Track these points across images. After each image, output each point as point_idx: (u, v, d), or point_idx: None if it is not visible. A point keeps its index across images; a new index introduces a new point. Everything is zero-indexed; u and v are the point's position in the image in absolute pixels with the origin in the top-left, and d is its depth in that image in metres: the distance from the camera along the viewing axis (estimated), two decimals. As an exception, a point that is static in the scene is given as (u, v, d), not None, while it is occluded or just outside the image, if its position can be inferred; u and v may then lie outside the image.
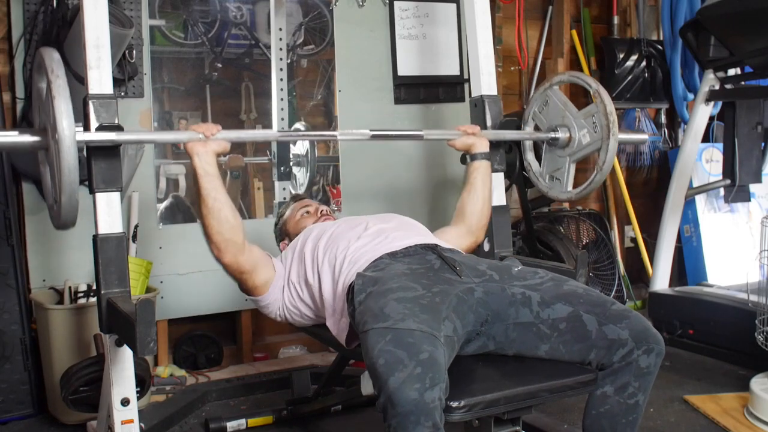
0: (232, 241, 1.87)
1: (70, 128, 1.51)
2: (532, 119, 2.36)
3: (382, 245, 1.89)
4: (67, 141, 1.51)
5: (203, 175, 1.83)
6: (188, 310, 2.93)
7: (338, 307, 1.86)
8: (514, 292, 1.74)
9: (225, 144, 1.87)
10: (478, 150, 2.25)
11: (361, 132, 2.12)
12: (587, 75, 2.28)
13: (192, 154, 1.83)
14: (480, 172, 2.25)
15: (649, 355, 1.63)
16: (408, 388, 1.34)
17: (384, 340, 1.44)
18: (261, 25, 3.08)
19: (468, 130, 2.25)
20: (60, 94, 1.52)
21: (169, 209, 2.91)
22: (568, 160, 2.26)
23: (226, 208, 1.85)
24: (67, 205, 1.56)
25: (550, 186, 2.33)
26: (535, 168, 2.39)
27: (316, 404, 2.47)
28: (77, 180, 1.54)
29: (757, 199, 3.77)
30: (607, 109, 2.11)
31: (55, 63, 1.56)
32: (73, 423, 2.43)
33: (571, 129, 2.24)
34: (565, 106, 2.26)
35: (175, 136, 1.90)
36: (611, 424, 1.67)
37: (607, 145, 2.11)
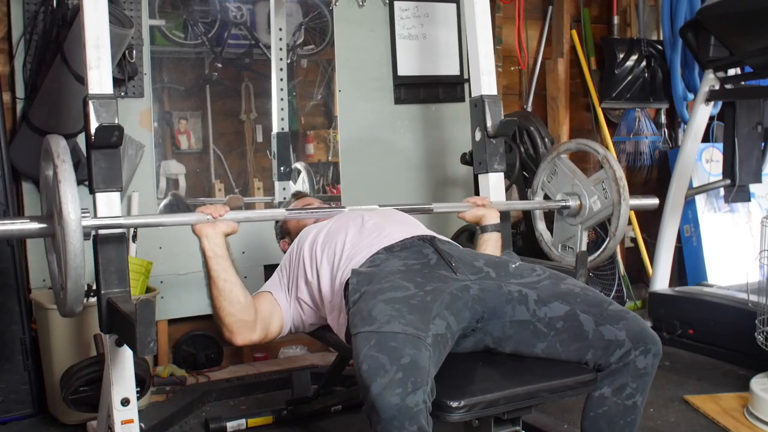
0: (244, 321, 1.86)
1: (76, 213, 1.50)
2: (542, 188, 2.37)
3: (379, 239, 1.89)
4: (72, 225, 1.50)
5: (213, 258, 1.82)
6: (188, 310, 2.94)
7: (336, 303, 1.86)
8: (510, 290, 1.73)
9: (233, 225, 1.87)
10: (489, 222, 2.24)
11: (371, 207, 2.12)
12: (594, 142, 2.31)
13: (201, 236, 1.83)
14: (490, 244, 2.23)
15: (647, 356, 1.62)
16: (389, 394, 1.34)
17: (368, 345, 1.44)
18: (261, 25, 3.08)
19: (478, 202, 2.25)
20: (66, 179, 1.51)
21: (168, 207, 2.91)
22: (579, 228, 2.27)
23: (237, 288, 1.83)
24: (73, 291, 1.54)
25: (563, 256, 2.34)
26: (547, 238, 2.40)
27: (316, 404, 2.47)
28: (83, 266, 1.52)
29: (757, 199, 3.77)
30: (616, 175, 2.13)
31: (62, 149, 1.55)
32: (73, 423, 2.43)
33: (581, 197, 2.25)
34: (574, 174, 2.28)
35: (184, 218, 1.88)
36: (609, 426, 1.66)
37: (618, 211, 2.13)
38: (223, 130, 3.03)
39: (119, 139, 1.71)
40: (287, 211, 2.10)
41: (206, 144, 3.02)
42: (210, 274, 1.83)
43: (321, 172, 3.22)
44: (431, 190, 3.39)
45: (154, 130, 2.87)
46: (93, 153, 1.71)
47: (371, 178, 3.24)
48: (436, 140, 3.36)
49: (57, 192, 1.51)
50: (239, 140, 3.08)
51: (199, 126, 3.00)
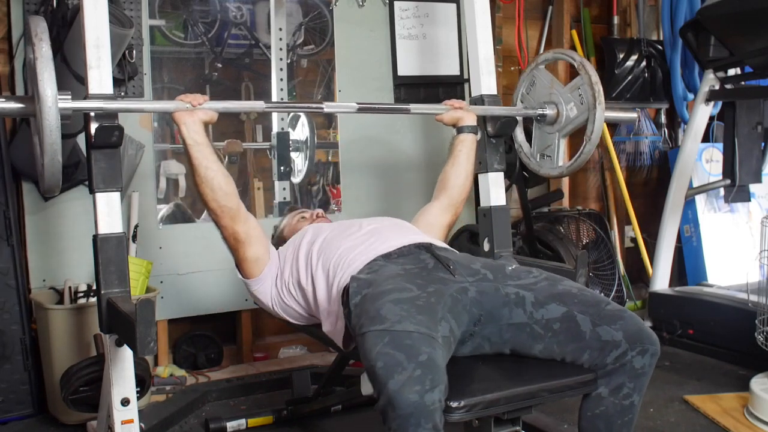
0: (227, 206, 1.90)
1: (53, 93, 1.53)
2: (521, 101, 2.37)
3: (376, 246, 1.89)
4: (48, 101, 1.52)
5: (192, 145, 1.84)
6: (188, 310, 2.94)
7: (333, 310, 1.85)
8: (507, 292, 1.73)
9: (212, 113, 1.88)
10: (466, 123, 2.26)
11: (348, 105, 2.13)
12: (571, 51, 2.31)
13: (179, 123, 1.84)
14: (465, 144, 2.26)
15: (644, 356, 1.61)
16: (408, 391, 1.34)
17: (382, 343, 1.44)
18: (261, 25, 3.08)
19: (455, 104, 2.26)
20: (43, 57, 1.53)
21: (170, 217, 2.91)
22: (557, 136, 2.27)
23: (219, 175, 1.87)
24: (50, 166, 1.57)
25: (541, 164, 2.34)
26: (526, 148, 2.40)
27: (316, 404, 2.47)
28: (59, 142, 1.55)
29: (757, 199, 3.77)
30: (591, 80, 2.13)
31: (40, 29, 1.57)
32: (73, 423, 2.43)
33: (559, 105, 2.26)
34: (552, 84, 2.28)
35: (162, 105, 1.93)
36: (607, 425, 1.66)
37: (593, 116, 2.13)
38: (223, 130, 3.03)
39: (119, 139, 1.71)
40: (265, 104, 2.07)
41: (206, 144, 3.01)
42: (191, 161, 1.86)
43: (321, 172, 3.22)
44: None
45: (154, 130, 2.87)
46: (93, 153, 1.71)
47: (371, 178, 3.24)
48: (436, 140, 3.36)
49: (35, 71, 1.53)
50: (239, 140, 3.08)
51: (199, 126, 2.99)
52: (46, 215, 2.67)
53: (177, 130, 1.88)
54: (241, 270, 2.04)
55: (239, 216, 1.93)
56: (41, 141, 1.56)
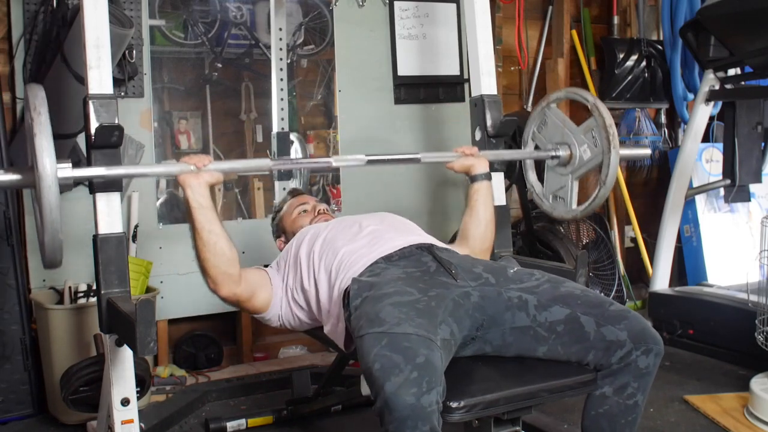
0: (228, 273, 1.83)
1: (52, 167, 1.47)
2: (532, 139, 2.34)
3: (377, 247, 1.88)
4: (48, 179, 1.47)
5: (197, 208, 1.78)
6: (188, 310, 2.94)
7: (334, 311, 1.85)
8: (510, 296, 1.72)
9: (218, 175, 1.83)
10: (478, 171, 2.17)
11: (357, 158, 2.05)
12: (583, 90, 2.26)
13: (185, 186, 1.79)
14: (481, 194, 2.17)
15: (648, 356, 1.62)
16: (404, 393, 1.33)
17: (380, 345, 1.43)
18: (261, 25, 3.08)
19: (466, 151, 2.18)
20: (42, 132, 1.48)
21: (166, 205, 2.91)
22: (570, 178, 2.22)
23: (222, 240, 1.80)
24: (50, 244, 1.52)
25: (554, 206, 2.30)
26: (538, 189, 2.36)
27: (316, 404, 2.47)
28: (59, 219, 1.49)
29: (757, 199, 3.76)
30: (606, 123, 2.07)
31: (39, 100, 1.51)
32: (73, 423, 2.43)
33: (572, 146, 2.20)
34: (564, 124, 2.23)
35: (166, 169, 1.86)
36: (610, 425, 1.66)
37: (608, 159, 2.07)
38: (223, 130, 3.03)
39: (119, 139, 1.71)
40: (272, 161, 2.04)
41: (206, 144, 3.02)
42: (194, 225, 1.80)
43: (321, 172, 3.22)
44: (431, 190, 3.39)
45: (154, 130, 2.87)
46: (93, 153, 1.70)
47: (371, 178, 3.23)
48: (436, 140, 3.36)
49: (33, 144, 1.48)
50: (239, 140, 3.08)
51: (199, 126, 3.00)
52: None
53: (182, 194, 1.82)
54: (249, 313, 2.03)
55: (239, 281, 1.87)
56: (41, 216, 1.50)
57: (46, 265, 1.59)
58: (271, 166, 2.04)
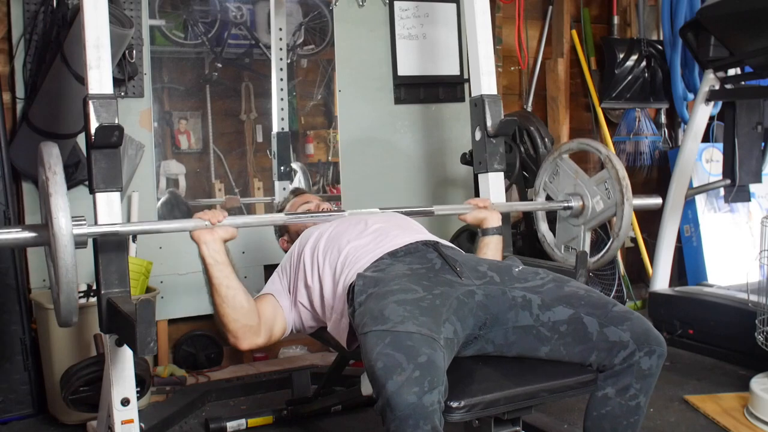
0: (248, 326, 1.84)
1: (68, 226, 1.47)
2: (544, 189, 2.34)
3: (383, 244, 1.88)
4: (64, 239, 1.46)
5: (213, 265, 1.80)
6: (188, 310, 2.94)
7: (338, 307, 1.85)
8: (514, 296, 1.73)
9: (232, 230, 1.84)
10: (490, 225, 2.19)
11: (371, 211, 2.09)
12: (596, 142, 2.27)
13: (199, 243, 1.80)
14: (491, 248, 2.18)
15: (651, 357, 1.62)
16: (406, 392, 1.33)
17: (383, 343, 1.44)
18: (261, 25, 3.08)
19: (479, 204, 2.20)
20: (57, 192, 1.48)
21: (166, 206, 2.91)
22: (582, 229, 2.23)
23: (240, 294, 1.81)
24: (66, 305, 1.51)
25: (566, 257, 2.31)
26: (550, 239, 2.37)
27: (316, 404, 2.47)
28: (75, 279, 1.49)
29: (757, 199, 3.76)
30: (619, 175, 2.09)
31: (54, 159, 1.51)
32: (73, 423, 2.43)
33: (584, 197, 2.21)
34: (576, 174, 2.24)
35: (181, 225, 1.85)
36: (612, 426, 1.66)
37: (622, 212, 2.08)
38: (223, 130, 3.03)
39: (119, 139, 1.71)
40: (286, 215, 2.10)
41: (206, 144, 3.02)
42: (211, 281, 1.81)
43: (321, 172, 3.22)
44: (431, 190, 3.39)
45: (154, 130, 2.87)
46: (93, 153, 1.71)
47: (371, 179, 3.24)
48: (436, 140, 3.36)
49: (48, 204, 1.48)
50: (239, 140, 3.08)
51: (199, 126, 3.00)
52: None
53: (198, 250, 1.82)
54: None
55: (259, 330, 1.87)
56: (56, 276, 1.49)
57: (61, 325, 1.59)
58: (285, 221, 2.08)
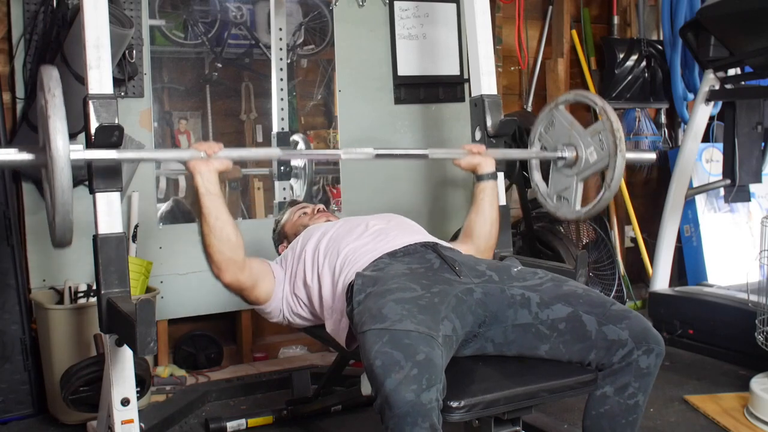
0: (233, 260, 1.85)
1: (65, 148, 1.48)
2: (539, 140, 2.34)
3: (382, 244, 1.89)
4: (61, 161, 1.48)
5: (205, 194, 1.81)
6: (188, 310, 2.93)
7: (337, 307, 1.85)
8: (513, 294, 1.73)
9: (227, 162, 1.85)
10: (485, 170, 2.20)
11: (365, 151, 2.07)
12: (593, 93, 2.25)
13: (194, 172, 1.81)
14: (487, 193, 2.20)
15: (649, 356, 1.62)
16: (405, 390, 1.34)
17: (381, 341, 1.44)
18: (261, 25, 3.08)
19: (473, 149, 2.20)
20: (56, 114, 1.49)
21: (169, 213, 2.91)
22: (575, 179, 2.23)
23: (228, 227, 1.83)
24: (61, 225, 1.53)
25: (558, 206, 2.31)
26: (543, 189, 2.37)
27: (316, 404, 2.47)
28: (71, 200, 1.51)
29: (757, 199, 3.76)
30: (613, 126, 2.08)
31: (53, 81, 1.52)
32: (73, 423, 2.43)
33: (578, 148, 2.21)
34: (572, 126, 2.24)
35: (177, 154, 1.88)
36: (611, 425, 1.66)
37: (614, 163, 2.08)
38: (223, 130, 3.03)
39: (119, 139, 1.71)
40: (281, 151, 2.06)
41: (206, 144, 3.01)
42: (202, 211, 1.82)
43: (321, 173, 3.22)
44: (431, 190, 3.39)
45: (154, 130, 2.86)
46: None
47: (371, 179, 3.23)
48: (436, 140, 3.35)
49: (46, 126, 1.50)
50: (239, 140, 3.08)
51: (199, 126, 3.00)
52: (46, 215, 2.66)
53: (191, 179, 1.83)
54: (250, 304, 2.03)
55: (243, 267, 1.89)
56: (52, 197, 1.51)
57: (56, 245, 1.60)
58: (280, 155, 2.06)
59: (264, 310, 2.04)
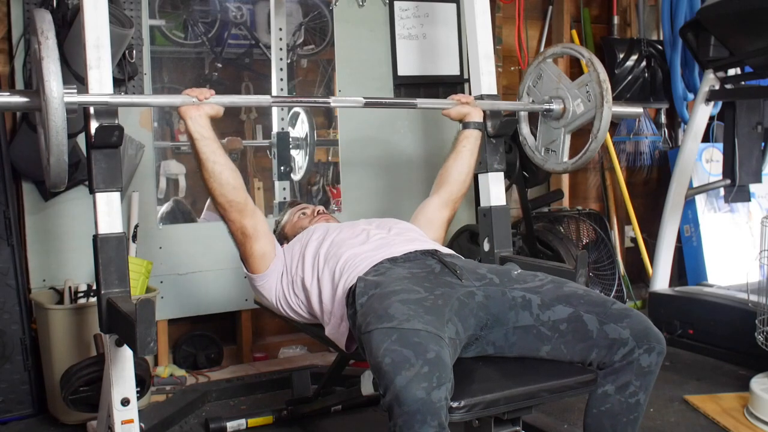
0: (235, 201, 1.90)
1: (59, 89, 1.52)
2: (527, 93, 2.37)
3: (383, 251, 1.89)
4: (55, 102, 1.51)
5: (199, 139, 1.83)
6: (188, 310, 2.94)
7: (337, 311, 1.85)
8: (514, 296, 1.73)
9: (218, 108, 1.88)
10: (473, 119, 2.27)
11: (355, 99, 2.12)
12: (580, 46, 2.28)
13: (186, 117, 1.83)
14: (470, 141, 2.27)
15: (651, 354, 1.62)
16: (415, 387, 1.34)
17: (390, 340, 1.44)
18: (261, 25, 3.08)
19: (462, 99, 2.26)
20: (49, 56, 1.51)
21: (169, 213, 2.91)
22: (563, 131, 2.26)
23: (227, 170, 1.87)
24: (56, 165, 1.57)
25: (546, 158, 2.33)
26: (531, 142, 2.39)
27: (316, 404, 2.47)
28: (65, 141, 1.54)
29: (757, 199, 3.77)
30: (600, 78, 2.11)
31: (46, 24, 1.54)
32: (73, 423, 2.43)
33: (565, 100, 2.24)
34: (559, 78, 2.26)
35: (168, 99, 1.93)
36: (612, 423, 1.67)
37: (601, 114, 2.10)
38: (223, 130, 3.03)
39: (119, 139, 1.71)
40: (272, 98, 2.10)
41: (206, 144, 3.01)
42: (199, 156, 1.85)
43: (321, 172, 3.22)
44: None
45: (154, 130, 2.87)
46: (93, 153, 1.71)
47: (371, 179, 3.24)
48: (436, 140, 3.36)
49: (40, 68, 1.51)
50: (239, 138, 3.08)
51: (199, 126, 2.99)
52: (46, 215, 2.67)
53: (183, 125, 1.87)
54: (247, 265, 2.04)
55: (247, 210, 1.93)
56: (47, 139, 1.55)
57: (51, 187, 1.64)
58: (271, 102, 2.10)
59: (257, 281, 2.04)
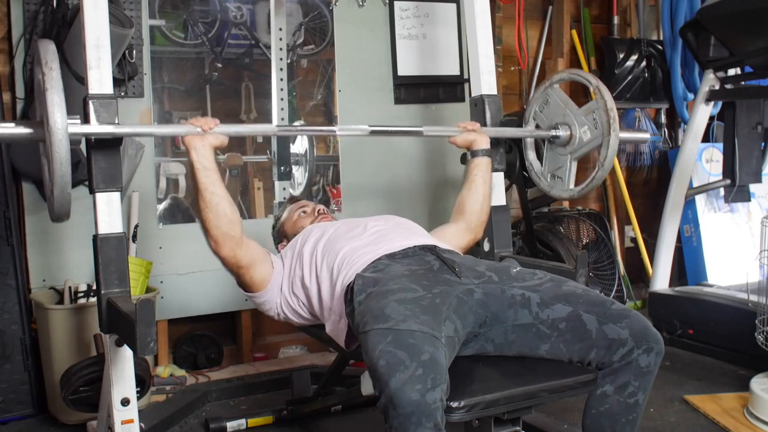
0: (230, 235, 1.86)
1: (63, 121, 1.51)
2: (533, 118, 2.36)
3: (381, 246, 1.89)
4: (59, 134, 1.50)
5: (200, 170, 1.82)
6: (188, 310, 2.93)
7: (336, 308, 1.85)
8: (513, 294, 1.73)
9: (223, 138, 1.87)
10: (479, 147, 2.25)
11: (360, 128, 2.11)
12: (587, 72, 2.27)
13: (189, 148, 1.82)
14: (481, 169, 2.25)
15: (649, 355, 1.63)
16: (409, 389, 1.34)
17: (385, 341, 1.44)
18: (261, 25, 3.08)
19: (468, 127, 2.25)
20: (53, 87, 1.50)
21: (168, 211, 2.91)
22: (569, 158, 2.25)
23: (224, 202, 1.84)
24: (59, 198, 1.56)
25: (552, 185, 2.33)
26: (537, 167, 2.39)
27: (316, 404, 2.47)
28: (69, 173, 1.53)
29: (757, 199, 3.77)
30: (607, 106, 2.10)
31: (50, 55, 1.54)
32: (73, 423, 2.43)
33: (572, 126, 2.23)
34: (566, 104, 2.26)
35: (173, 129, 1.91)
36: (611, 423, 1.67)
37: (608, 142, 2.10)
38: (223, 130, 3.03)
39: (119, 139, 1.71)
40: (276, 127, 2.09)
41: (206, 144, 3.01)
42: (197, 186, 1.83)
43: (321, 172, 3.22)
44: (431, 190, 3.39)
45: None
46: (93, 153, 1.71)
47: (371, 178, 3.23)
48: (436, 140, 3.36)
49: (44, 100, 1.51)
50: (239, 140, 3.08)
51: (199, 126, 2.99)
52: (46, 215, 2.63)
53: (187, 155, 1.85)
54: (245, 289, 2.02)
55: (241, 244, 1.90)
56: (51, 171, 1.53)
57: (54, 219, 1.63)
58: (276, 132, 2.08)
59: (257, 299, 2.03)
